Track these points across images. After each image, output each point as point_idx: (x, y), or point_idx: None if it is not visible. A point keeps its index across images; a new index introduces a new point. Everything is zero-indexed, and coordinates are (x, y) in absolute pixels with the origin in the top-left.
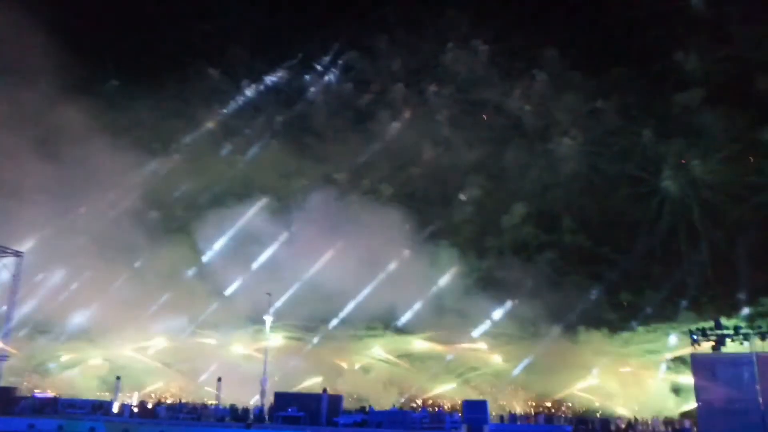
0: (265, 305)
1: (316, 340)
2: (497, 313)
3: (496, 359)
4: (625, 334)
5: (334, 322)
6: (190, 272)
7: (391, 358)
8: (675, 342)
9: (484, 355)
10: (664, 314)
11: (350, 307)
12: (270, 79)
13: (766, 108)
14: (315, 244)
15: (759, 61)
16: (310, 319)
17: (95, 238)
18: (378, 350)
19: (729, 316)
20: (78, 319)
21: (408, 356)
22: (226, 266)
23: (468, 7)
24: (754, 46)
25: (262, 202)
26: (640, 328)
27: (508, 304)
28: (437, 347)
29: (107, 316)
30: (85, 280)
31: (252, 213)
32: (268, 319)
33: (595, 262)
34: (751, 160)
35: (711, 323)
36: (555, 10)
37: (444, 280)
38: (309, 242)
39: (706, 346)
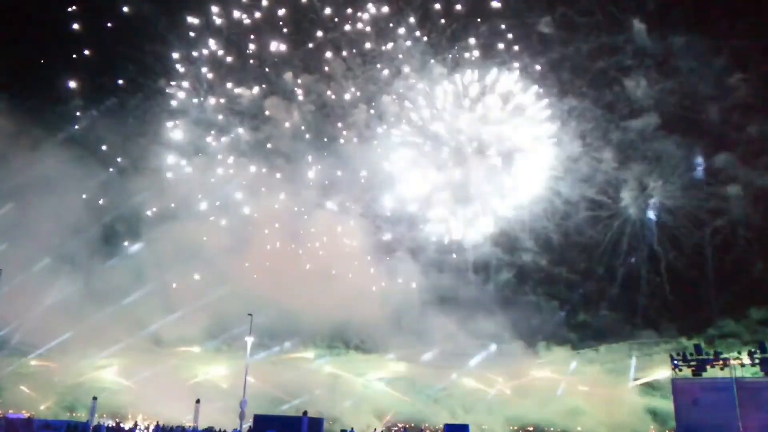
0: (228, 323)
1: (275, 359)
2: (458, 332)
3: (463, 378)
4: (589, 353)
5: (295, 340)
6: (151, 289)
7: (357, 377)
8: (638, 363)
9: (450, 375)
10: (623, 334)
11: (311, 325)
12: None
13: (718, 137)
14: (274, 259)
15: (704, 95)
16: (271, 337)
17: (52, 254)
18: (343, 370)
19: (689, 336)
20: (34, 335)
21: (373, 376)
22: (188, 283)
23: (421, 36)
24: (698, 80)
25: (226, 217)
26: (602, 348)
27: (468, 322)
28: (401, 366)
29: (64, 332)
30: (41, 296)
31: (215, 228)
32: (249, 340)
33: (554, 283)
34: (708, 186)
35: (674, 344)
36: (505, 40)
37: (406, 298)
38: (268, 258)
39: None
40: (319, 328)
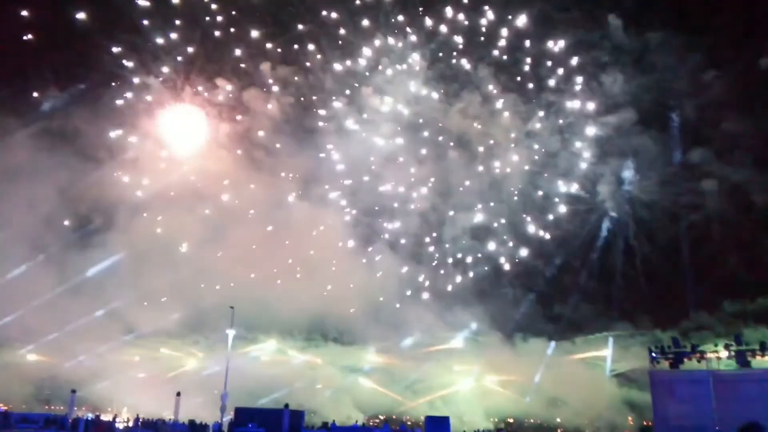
0: (207, 316)
1: (255, 352)
2: (436, 324)
3: (442, 371)
4: (566, 345)
5: (274, 333)
6: (128, 281)
7: (336, 370)
8: (615, 355)
9: (429, 367)
10: (599, 326)
11: (289, 317)
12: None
13: (693, 133)
14: (253, 251)
15: (680, 91)
16: (248, 328)
17: (26, 245)
18: (322, 361)
19: (664, 329)
20: (8, 327)
21: (352, 368)
22: (165, 275)
23: (400, 32)
24: (674, 76)
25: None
26: (578, 339)
27: (446, 314)
28: (380, 358)
29: (40, 324)
30: (15, 287)
31: (193, 220)
32: (231, 333)
33: (531, 276)
34: (684, 181)
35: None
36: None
37: (384, 291)
38: (247, 250)
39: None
40: (297, 320)
